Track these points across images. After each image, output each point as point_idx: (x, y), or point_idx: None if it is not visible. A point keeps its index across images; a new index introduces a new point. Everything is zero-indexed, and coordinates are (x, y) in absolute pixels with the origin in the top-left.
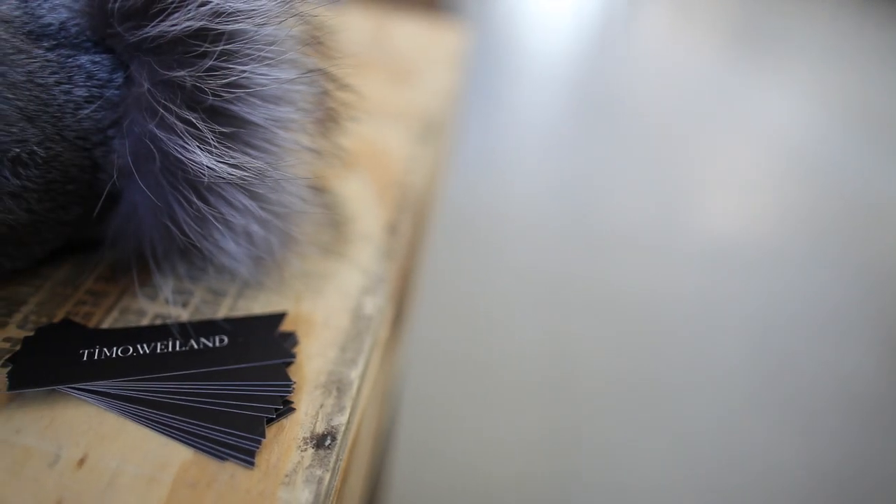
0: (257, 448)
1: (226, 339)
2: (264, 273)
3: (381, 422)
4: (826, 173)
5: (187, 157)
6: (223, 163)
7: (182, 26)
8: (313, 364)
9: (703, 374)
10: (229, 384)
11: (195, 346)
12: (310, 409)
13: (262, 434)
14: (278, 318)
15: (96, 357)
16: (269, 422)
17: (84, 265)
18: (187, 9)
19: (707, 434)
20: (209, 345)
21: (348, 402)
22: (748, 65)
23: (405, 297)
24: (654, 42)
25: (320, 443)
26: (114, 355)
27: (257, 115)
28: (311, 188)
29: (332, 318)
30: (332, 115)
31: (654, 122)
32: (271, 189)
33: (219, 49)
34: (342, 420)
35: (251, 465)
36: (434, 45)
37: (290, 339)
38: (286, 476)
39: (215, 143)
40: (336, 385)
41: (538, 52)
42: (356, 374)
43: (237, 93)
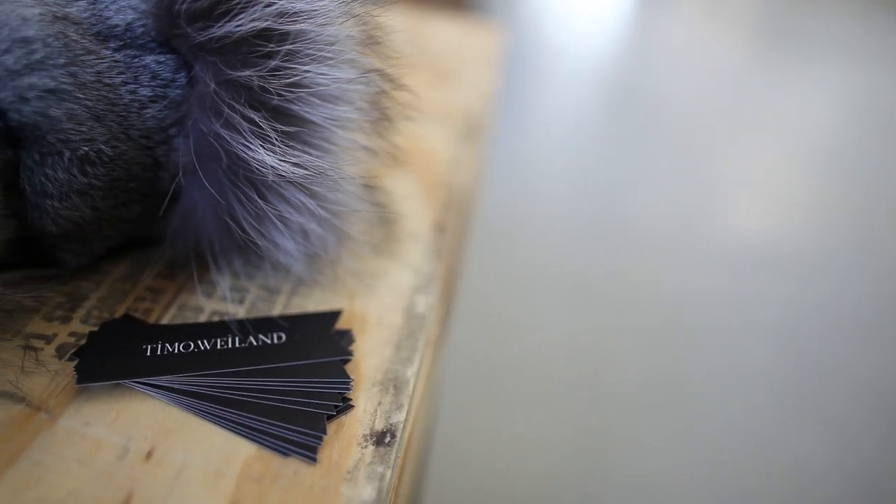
0: (319, 444)
1: (283, 336)
2: (318, 271)
3: (427, 420)
4: (854, 174)
5: (251, 156)
6: (286, 161)
7: (248, 27)
8: (369, 362)
9: (729, 374)
10: (289, 381)
11: (254, 342)
12: (368, 406)
13: (324, 430)
14: (334, 315)
15: (159, 352)
16: (329, 418)
17: (141, 262)
18: (253, 9)
19: (733, 434)
20: (267, 342)
21: (405, 400)
22: (777, 64)
23: (452, 296)
24: (681, 42)
25: (380, 440)
26: (175, 351)
27: (317, 115)
28: (365, 187)
29: (386, 316)
30: (387, 114)
31: (681, 122)
32: (329, 187)
33: (284, 49)
34: (400, 418)
35: (314, 461)
36: (470, 46)
37: (347, 336)
38: (348, 472)
39: (278, 143)
40: (393, 383)
41: (563, 51)
42: (412, 373)
43: (299, 92)
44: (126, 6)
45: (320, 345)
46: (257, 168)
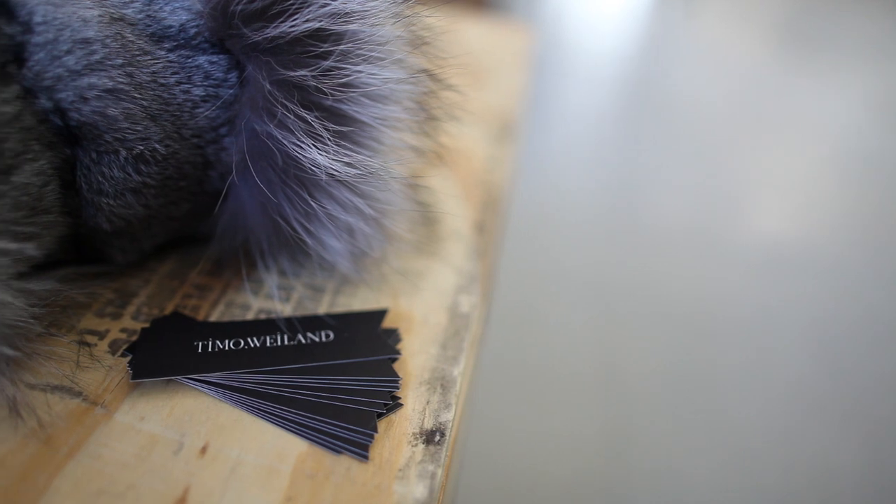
0: (371, 442)
1: (331, 335)
2: (364, 269)
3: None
4: (877, 175)
5: (303, 156)
6: (338, 161)
7: (302, 27)
8: (416, 361)
9: (755, 374)
10: (338, 379)
11: (302, 340)
12: (416, 404)
13: (375, 428)
14: (380, 314)
15: (210, 349)
16: (379, 416)
17: (187, 260)
18: (308, 10)
19: (759, 434)
20: (315, 340)
21: (453, 399)
22: (799, 64)
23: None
24: (706, 43)
25: (430, 438)
26: (226, 348)
27: (367, 115)
28: (410, 186)
29: (431, 315)
30: (434, 114)
31: (703, 122)
32: (378, 187)
33: (338, 49)
34: (449, 416)
35: (365, 458)
36: (502, 46)
37: (394, 335)
38: (399, 471)
39: (331, 143)
40: (440, 382)
41: (587, 52)
42: (458, 372)
43: (350, 93)
44: (179, 7)
45: (368, 343)
46: (309, 167)
